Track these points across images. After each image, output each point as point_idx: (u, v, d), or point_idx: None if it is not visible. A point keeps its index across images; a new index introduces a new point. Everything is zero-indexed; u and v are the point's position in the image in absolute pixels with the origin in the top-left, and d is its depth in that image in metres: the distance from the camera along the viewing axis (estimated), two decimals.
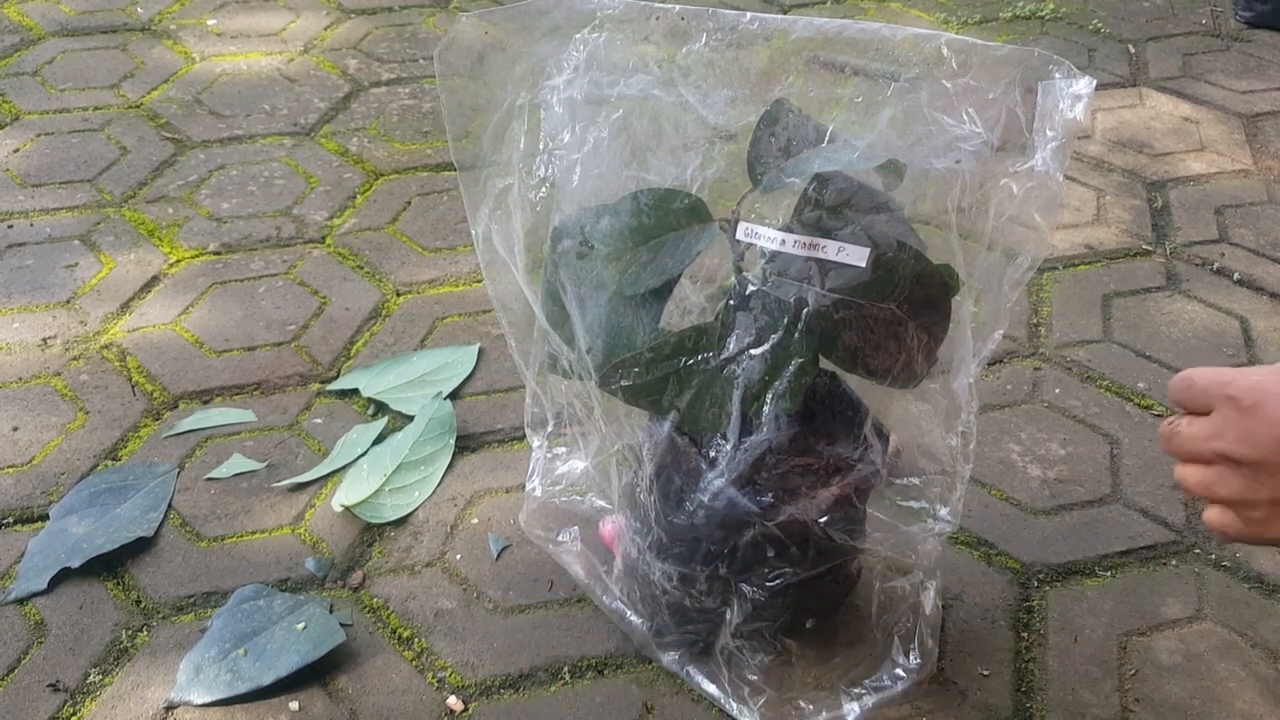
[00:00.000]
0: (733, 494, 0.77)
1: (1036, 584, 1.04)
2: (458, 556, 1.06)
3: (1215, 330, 1.35)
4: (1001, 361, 1.29)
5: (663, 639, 0.91)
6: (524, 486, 1.00)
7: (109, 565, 1.03)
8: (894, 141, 0.73)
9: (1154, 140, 1.70)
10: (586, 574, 0.96)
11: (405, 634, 0.99)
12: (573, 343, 0.79)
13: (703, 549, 0.83)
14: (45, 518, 1.07)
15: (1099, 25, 2.02)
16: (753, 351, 0.75)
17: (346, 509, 1.09)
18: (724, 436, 0.77)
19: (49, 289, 1.35)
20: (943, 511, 0.88)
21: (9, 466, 1.13)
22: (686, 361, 0.77)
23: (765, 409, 0.75)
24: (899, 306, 0.73)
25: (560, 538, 0.97)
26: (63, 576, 1.02)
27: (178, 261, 1.40)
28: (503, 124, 0.78)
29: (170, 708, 0.92)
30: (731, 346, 0.75)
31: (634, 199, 0.75)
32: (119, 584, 1.02)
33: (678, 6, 0.71)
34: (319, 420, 1.19)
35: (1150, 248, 1.48)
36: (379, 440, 1.16)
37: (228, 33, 1.90)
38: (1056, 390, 1.25)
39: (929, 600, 0.92)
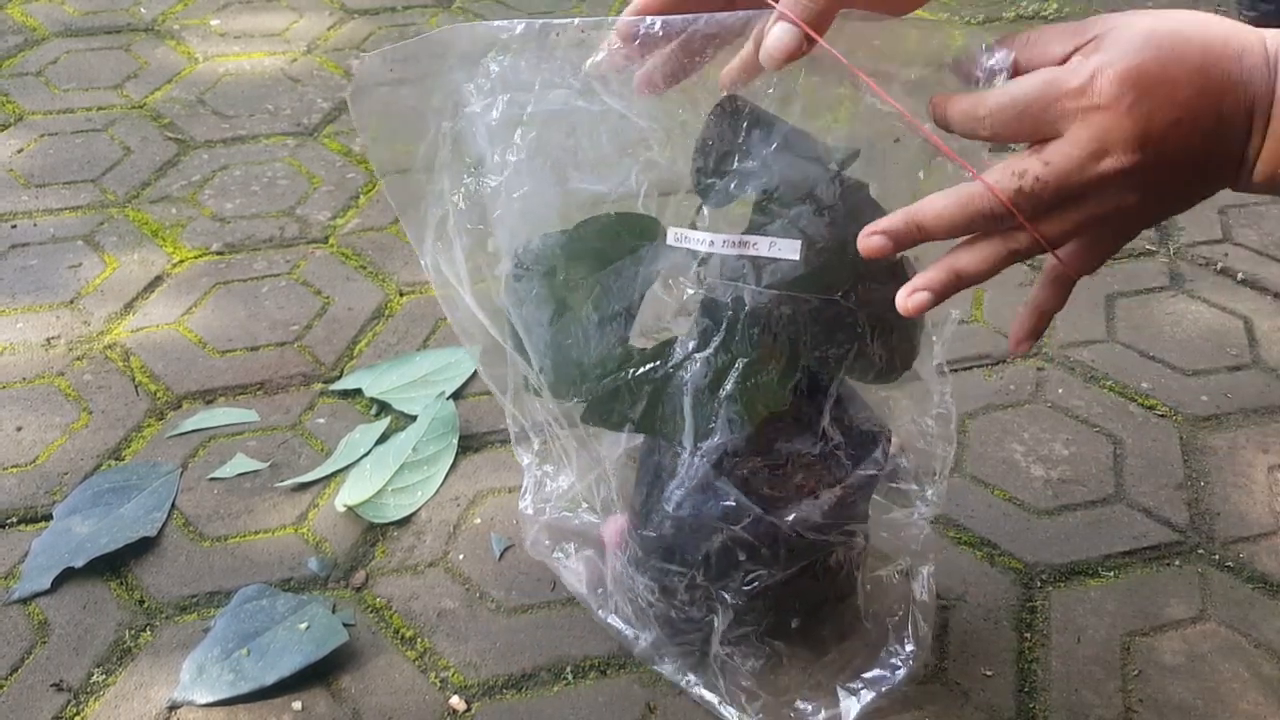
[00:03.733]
0: (696, 501, 0.77)
1: (1039, 584, 1.04)
2: (460, 556, 1.06)
3: (1219, 330, 1.34)
4: (1004, 362, 1.29)
5: (659, 651, 0.91)
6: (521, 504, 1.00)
7: (112, 565, 1.03)
8: (859, 132, 0.71)
9: None
10: (587, 588, 0.96)
11: (408, 634, 0.99)
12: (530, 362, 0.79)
13: (676, 559, 0.82)
14: (48, 517, 1.07)
15: None
16: (697, 356, 0.74)
17: (349, 509, 1.09)
18: (680, 444, 0.77)
19: (52, 289, 1.35)
20: (928, 493, 0.87)
21: (12, 466, 1.13)
22: (634, 372, 0.76)
23: (717, 412, 0.74)
24: (844, 296, 0.71)
25: (556, 554, 0.97)
26: (66, 576, 1.02)
27: (181, 261, 1.40)
28: (429, 154, 0.77)
29: (173, 707, 0.92)
30: (677, 353, 0.75)
31: (584, 225, 0.75)
32: (122, 584, 1.02)
33: (576, 20, 0.70)
34: (322, 420, 1.19)
35: (1154, 248, 1.48)
36: (382, 440, 1.16)
37: (231, 33, 1.90)
38: (1060, 390, 1.25)
39: (920, 585, 0.91)
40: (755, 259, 0.71)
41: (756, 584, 0.80)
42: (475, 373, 1.25)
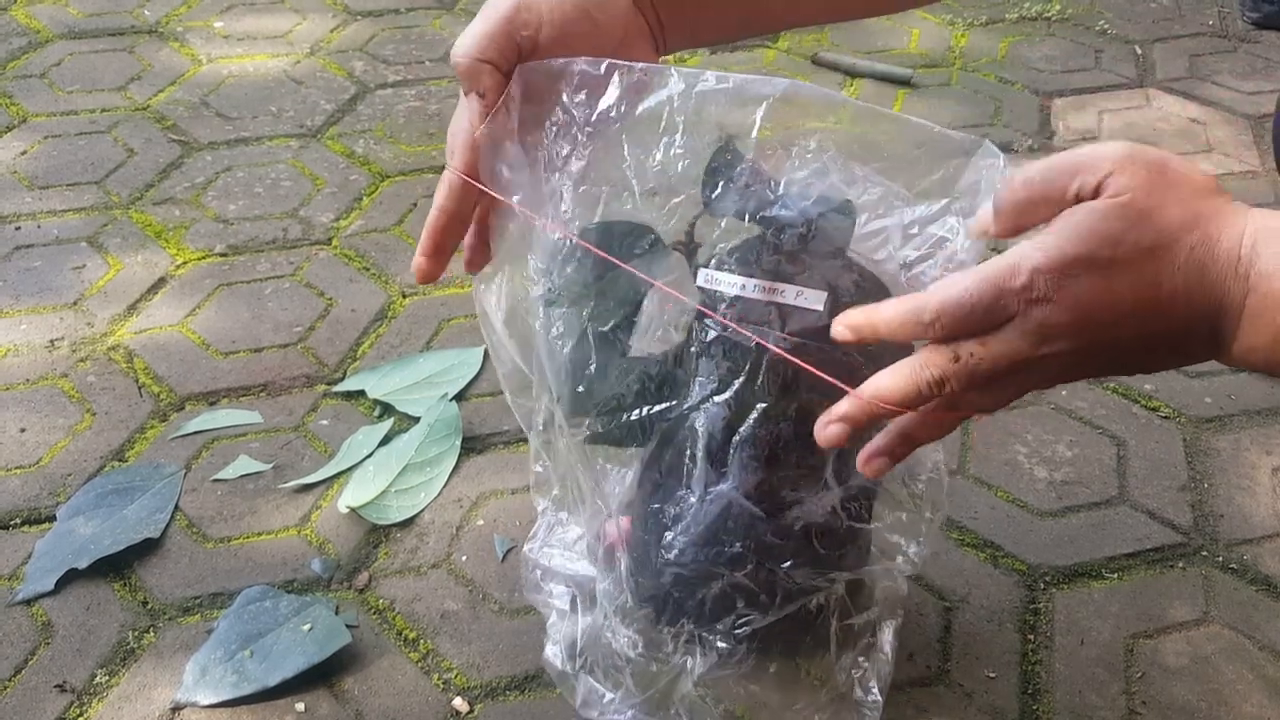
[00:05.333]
0: (700, 547, 0.76)
1: (1043, 586, 1.04)
2: (463, 558, 1.06)
3: None
4: None
5: (625, 703, 0.88)
6: (525, 539, 0.98)
7: (116, 566, 1.03)
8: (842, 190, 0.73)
9: (1161, 141, 1.70)
10: (563, 647, 0.92)
11: (411, 635, 0.99)
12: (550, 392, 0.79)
13: (669, 608, 0.81)
14: (52, 519, 1.07)
15: (1105, 26, 2.02)
16: (715, 399, 0.74)
17: (352, 510, 1.09)
18: (689, 488, 0.76)
19: (56, 290, 1.35)
20: (911, 550, 0.84)
21: (16, 468, 1.13)
22: (650, 410, 0.75)
23: (730, 457, 0.74)
24: (858, 350, 0.72)
25: (553, 601, 0.94)
26: (70, 577, 1.02)
27: (184, 263, 1.40)
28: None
29: (176, 708, 0.92)
30: (695, 394, 0.75)
31: (585, 233, 0.75)
32: (126, 585, 1.02)
33: (640, 65, 0.72)
34: (325, 422, 1.19)
35: None
36: (385, 442, 1.16)
37: (234, 35, 1.90)
38: (1063, 392, 1.25)
39: (885, 639, 0.87)
40: (780, 305, 0.71)
41: (748, 627, 0.79)
42: (478, 374, 1.25)
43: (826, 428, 0.64)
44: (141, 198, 1.51)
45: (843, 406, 0.64)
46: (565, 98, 0.73)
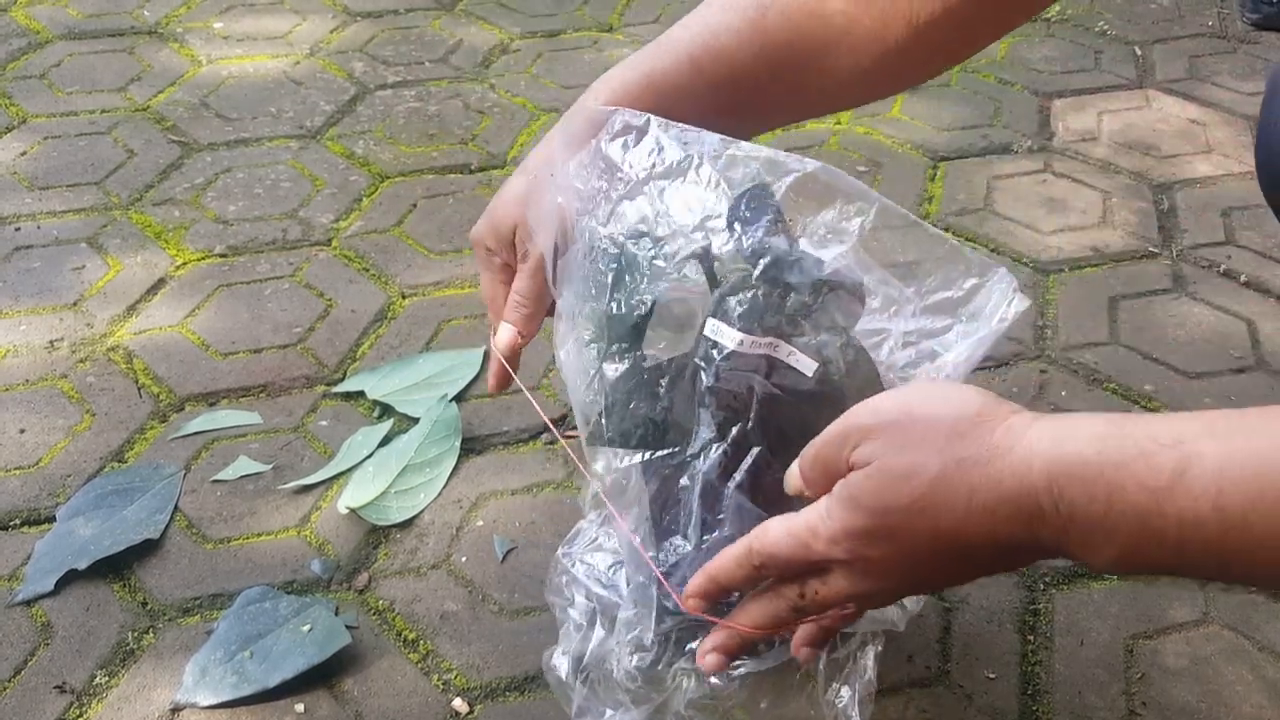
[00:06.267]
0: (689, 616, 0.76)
1: (1042, 587, 1.04)
2: (463, 559, 1.06)
3: (1222, 332, 1.34)
4: (1008, 364, 1.29)
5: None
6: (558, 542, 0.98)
7: (115, 567, 1.03)
8: (858, 263, 0.75)
9: (1161, 142, 1.70)
10: (570, 660, 0.92)
11: (411, 636, 0.99)
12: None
13: (669, 647, 0.81)
14: (52, 519, 1.07)
15: (1105, 27, 2.02)
16: (713, 447, 0.74)
17: (352, 511, 1.09)
18: (685, 537, 0.76)
19: (56, 291, 1.35)
20: (907, 602, 0.83)
21: (16, 468, 1.13)
22: (651, 454, 0.76)
23: (726, 503, 0.74)
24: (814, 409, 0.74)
25: (572, 612, 0.94)
26: (69, 578, 1.02)
27: (184, 264, 1.40)
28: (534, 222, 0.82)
29: (176, 709, 0.92)
30: (695, 444, 0.75)
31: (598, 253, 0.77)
32: (125, 586, 1.02)
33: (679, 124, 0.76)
34: (325, 422, 1.19)
35: (1157, 250, 1.48)
36: (384, 442, 1.16)
37: (234, 36, 1.90)
38: (1063, 393, 1.25)
39: (868, 664, 0.85)
40: (771, 358, 0.72)
41: (742, 670, 0.79)
42: (478, 375, 1.25)
43: (705, 657, 0.72)
44: (141, 198, 1.51)
45: (717, 637, 0.71)
46: (603, 145, 0.77)
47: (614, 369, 0.75)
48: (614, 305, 0.76)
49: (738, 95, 0.80)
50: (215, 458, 1.15)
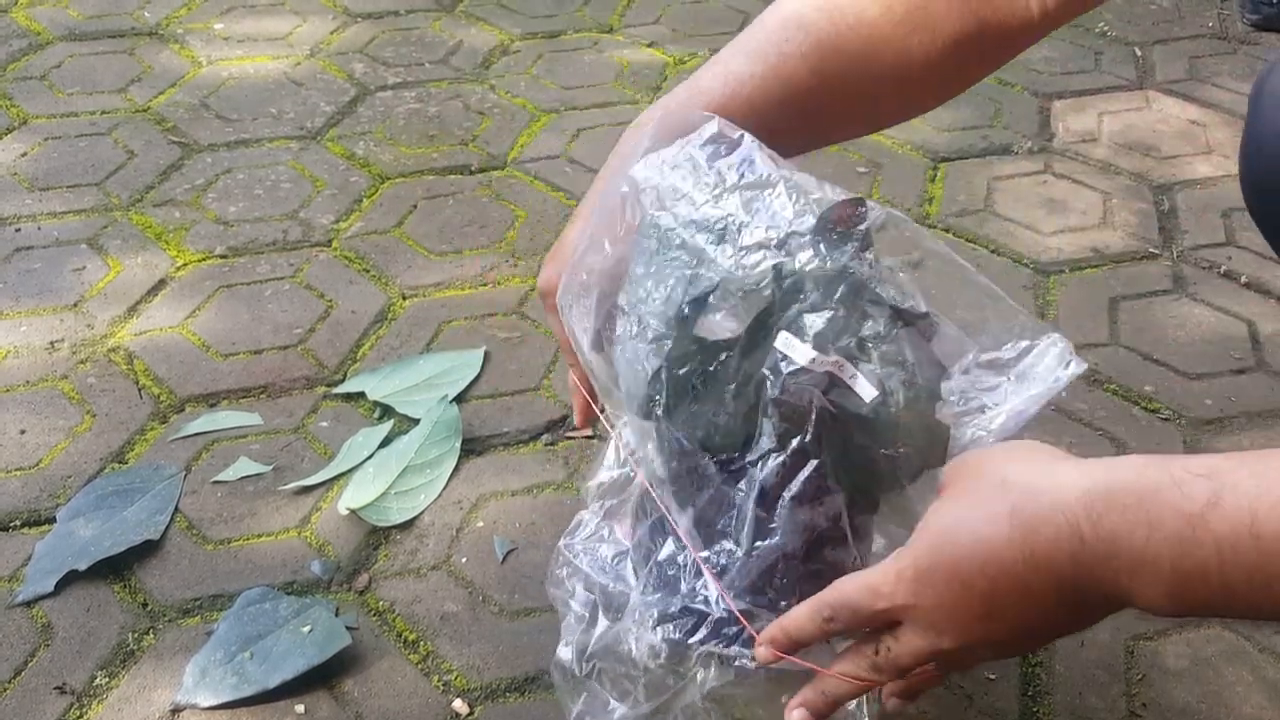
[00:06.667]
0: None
1: None
2: (463, 559, 1.06)
3: (1222, 333, 1.34)
4: None
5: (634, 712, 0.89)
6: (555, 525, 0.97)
7: (116, 568, 1.03)
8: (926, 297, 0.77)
9: (1161, 143, 1.70)
10: (573, 651, 0.93)
11: (411, 637, 0.99)
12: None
13: (706, 624, 0.82)
14: (52, 520, 1.07)
15: (1105, 28, 2.02)
16: (773, 456, 0.75)
17: (352, 512, 1.09)
18: (736, 542, 0.77)
19: (56, 292, 1.35)
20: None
21: (16, 469, 1.13)
22: (711, 457, 0.77)
23: (780, 512, 0.75)
24: (886, 449, 0.75)
25: (573, 603, 0.94)
26: (70, 579, 1.02)
27: (184, 265, 1.40)
28: (594, 206, 0.82)
29: (176, 710, 0.92)
30: (755, 451, 0.76)
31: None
32: (125, 587, 1.02)
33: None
34: (325, 423, 1.19)
35: (1157, 251, 1.48)
36: (385, 443, 1.16)
37: (234, 37, 1.90)
38: (1063, 393, 1.25)
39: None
40: (834, 375, 0.73)
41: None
42: (478, 376, 1.25)
43: (792, 713, 0.72)
44: (142, 199, 1.51)
45: (805, 695, 0.72)
46: (692, 149, 0.77)
47: (680, 369, 0.76)
48: (681, 299, 0.76)
49: (797, 117, 0.82)
50: (215, 459, 1.15)
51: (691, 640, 0.80)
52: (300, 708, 0.93)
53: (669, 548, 0.82)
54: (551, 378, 1.25)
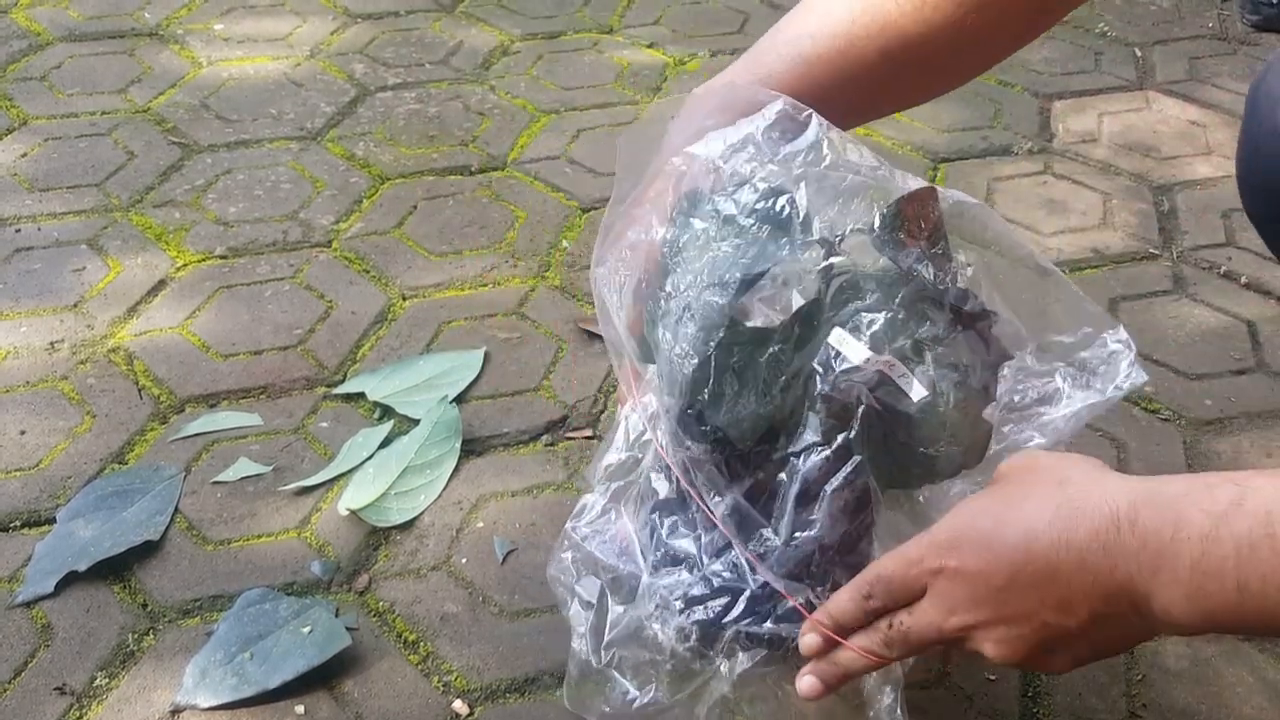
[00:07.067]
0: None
1: None
2: (463, 560, 1.06)
3: (1223, 334, 1.34)
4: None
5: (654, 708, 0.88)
6: (554, 518, 0.97)
7: (115, 568, 1.03)
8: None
9: (1161, 144, 1.70)
10: (588, 637, 0.91)
11: (411, 637, 0.99)
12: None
13: (741, 601, 0.81)
14: (52, 521, 1.07)
15: (1105, 29, 2.02)
16: (817, 450, 0.75)
17: (352, 512, 1.09)
18: (776, 531, 0.77)
19: (56, 293, 1.35)
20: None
21: (16, 470, 1.13)
22: (755, 447, 0.77)
23: (820, 505, 0.75)
24: (927, 448, 0.75)
25: (579, 588, 0.93)
26: (69, 580, 1.02)
27: (184, 265, 1.40)
28: (648, 183, 0.81)
29: (176, 711, 0.92)
30: (798, 443, 0.76)
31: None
32: (125, 587, 1.02)
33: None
34: (325, 424, 1.19)
35: (1157, 251, 1.48)
36: (385, 444, 1.16)
37: (234, 37, 1.90)
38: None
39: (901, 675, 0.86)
40: (884, 373, 0.74)
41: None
42: (478, 376, 1.25)
43: (802, 679, 0.74)
44: (142, 200, 1.51)
45: (818, 665, 0.74)
46: (757, 131, 0.77)
47: (729, 358, 0.75)
48: (733, 288, 0.75)
49: (861, 97, 0.84)
50: (215, 459, 1.15)
51: (726, 619, 0.80)
52: (300, 708, 0.93)
53: (680, 529, 0.82)
54: (552, 378, 1.25)
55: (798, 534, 0.76)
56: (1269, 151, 0.95)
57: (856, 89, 0.83)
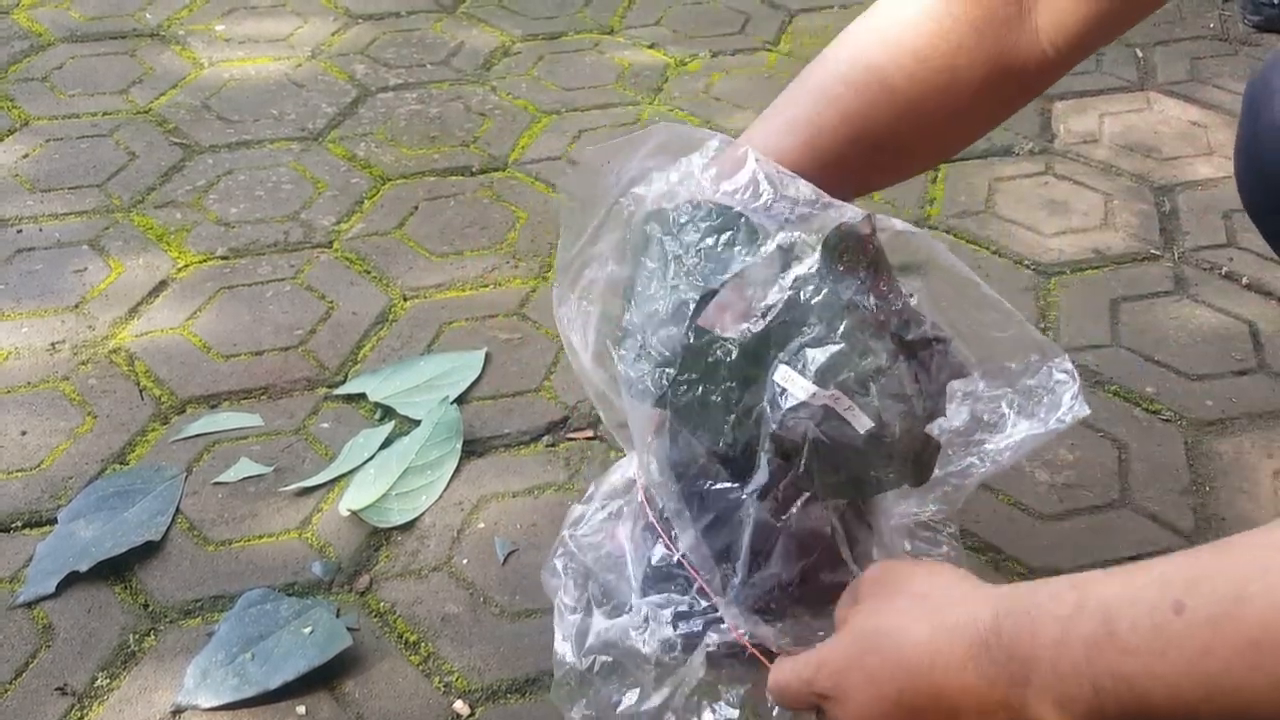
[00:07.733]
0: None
1: None
2: (464, 561, 1.06)
3: (1224, 334, 1.34)
4: None
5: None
6: (556, 517, 0.97)
7: (117, 569, 1.03)
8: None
9: (1162, 144, 1.70)
10: (574, 643, 0.93)
11: (412, 638, 0.99)
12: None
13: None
14: (53, 521, 1.07)
15: None
16: (768, 489, 0.76)
17: (353, 513, 1.09)
18: (733, 571, 0.78)
19: (57, 293, 1.35)
20: None
21: (17, 470, 1.13)
22: (710, 485, 0.78)
23: (775, 545, 0.76)
24: (876, 472, 0.76)
25: (564, 593, 0.94)
26: (71, 580, 1.02)
27: (185, 266, 1.40)
28: (600, 224, 0.81)
29: (177, 711, 0.92)
30: (750, 484, 0.76)
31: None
32: (126, 588, 1.02)
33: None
34: (326, 424, 1.19)
35: (1158, 252, 1.48)
36: (386, 444, 1.16)
37: (235, 38, 1.90)
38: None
39: None
40: (829, 407, 0.74)
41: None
42: (479, 377, 1.25)
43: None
44: (143, 201, 1.51)
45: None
46: (697, 169, 0.78)
47: (682, 396, 0.76)
48: (684, 324, 0.75)
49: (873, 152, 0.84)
50: (216, 460, 1.15)
51: (704, 642, 0.81)
52: (301, 709, 0.93)
53: (661, 550, 0.83)
54: (553, 379, 1.25)
55: (754, 574, 0.77)
56: (1268, 143, 0.95)
57: (850, 163, 0.84)
